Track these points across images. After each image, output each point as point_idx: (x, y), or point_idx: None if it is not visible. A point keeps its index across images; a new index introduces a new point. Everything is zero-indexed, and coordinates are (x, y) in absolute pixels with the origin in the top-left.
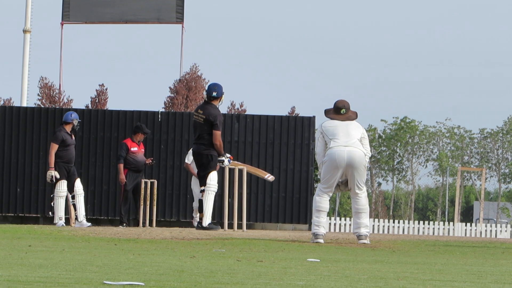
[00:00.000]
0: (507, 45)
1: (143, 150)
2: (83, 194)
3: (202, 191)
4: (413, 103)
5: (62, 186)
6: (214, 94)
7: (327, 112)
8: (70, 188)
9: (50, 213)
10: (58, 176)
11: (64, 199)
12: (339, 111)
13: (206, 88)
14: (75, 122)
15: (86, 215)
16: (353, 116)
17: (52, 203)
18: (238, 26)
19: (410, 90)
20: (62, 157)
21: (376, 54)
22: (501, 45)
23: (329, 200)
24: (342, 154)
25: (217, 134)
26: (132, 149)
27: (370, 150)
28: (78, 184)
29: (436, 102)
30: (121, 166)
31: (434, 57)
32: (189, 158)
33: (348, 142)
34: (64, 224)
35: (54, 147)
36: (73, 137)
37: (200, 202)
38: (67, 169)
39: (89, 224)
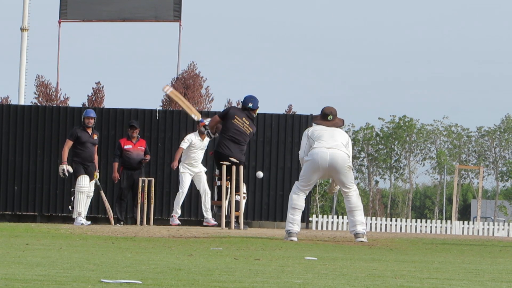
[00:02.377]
0: (504, 43)
1: (142, 147)
2: (91, 196)
3: (244, 193)
4: (411, 101)
5: (83, 181)
6: (250, 105)
7: (315, 118)
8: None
9: (69, 207)
10: (70, 170)
11: (85, 194)
12: (326, 117)
13: (243, 99)
14: (82, 119)
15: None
16: (340, 123)
17: (72, 198)
18: (235, 24)
19: (407, 89)
20: (77, 154)
21: (374, 52)
22: (498, 43)
23: (305, 199)
24: (324, 156)
25: (215, 118)
26: (125, 147)
27: (368, 148)
28: (90, 186)
29: (434, 100)
30: (115, 164)
31: (431, 56)
32: (185, 144)
33: (332, 144)
34: (84, 223)
35: (67, 143)
36: (94, 135)
37: (238, 203)
38: (85, 167)
39: (89, 222)
